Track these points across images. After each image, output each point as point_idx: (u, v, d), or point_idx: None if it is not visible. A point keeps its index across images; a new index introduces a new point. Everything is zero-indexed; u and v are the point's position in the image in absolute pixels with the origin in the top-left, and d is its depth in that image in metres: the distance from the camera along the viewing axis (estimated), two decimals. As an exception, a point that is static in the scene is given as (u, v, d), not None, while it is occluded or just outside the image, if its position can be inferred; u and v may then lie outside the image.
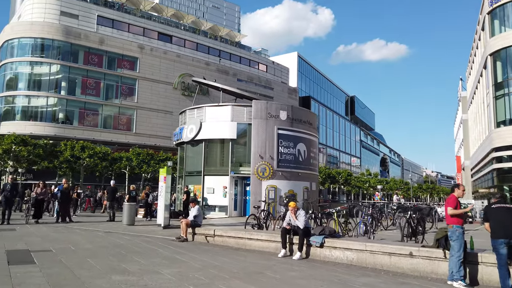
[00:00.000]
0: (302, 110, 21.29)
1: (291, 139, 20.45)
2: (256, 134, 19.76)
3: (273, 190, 19.48)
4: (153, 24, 56.91)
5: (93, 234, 11.55)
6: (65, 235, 11.02)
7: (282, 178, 19.83)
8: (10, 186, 14.01)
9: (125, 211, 14.99)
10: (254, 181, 19.47)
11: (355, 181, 53.86)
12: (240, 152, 20.84)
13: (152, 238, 11.06)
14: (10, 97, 46.63)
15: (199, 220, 10.78)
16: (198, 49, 61.31)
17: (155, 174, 39.31)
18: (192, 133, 20.93)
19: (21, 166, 29.32)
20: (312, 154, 21.90)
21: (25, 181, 40.97)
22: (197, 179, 21.05)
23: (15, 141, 26.75)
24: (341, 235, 8.77)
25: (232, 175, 20.29)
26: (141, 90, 51.51)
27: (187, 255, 8.22)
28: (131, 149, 37.16)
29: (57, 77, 47.10)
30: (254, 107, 19.97)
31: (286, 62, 78.35)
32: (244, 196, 20.92)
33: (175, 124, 53.13)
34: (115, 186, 17.39)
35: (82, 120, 47.69)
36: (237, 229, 10.64)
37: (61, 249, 8.31)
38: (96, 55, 49.25)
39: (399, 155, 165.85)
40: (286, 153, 20.17)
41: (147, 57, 52.75)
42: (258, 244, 9.32)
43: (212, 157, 21.30)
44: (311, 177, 21.76)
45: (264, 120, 19.94)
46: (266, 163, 19.60)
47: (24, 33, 46.73)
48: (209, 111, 21.03)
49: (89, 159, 30.65)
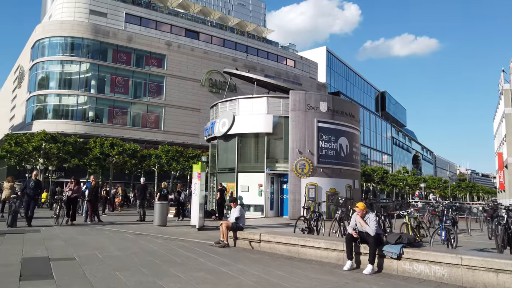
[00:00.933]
0: (343, 101, 19.52)
1: (332, 133, 18.71)
2: (294, 128, 18.15)
3: (313, 188, 17.83)
4: (180, 20, 56.38)
5: (122, 237, 10.33)
6: (92, 238, 9.85)
7: (323, 175, 18.14)
8: (33, 183, 12.34)
9: (156, 210, 13.79)
10: (292, 179, 17.89)
11: (391, 179, 51.16)
12: (276, 147, 19.31)
13: (187, 242, 9.71)
14: (42, 96, 47.14)
15: (241, 222, 9.33)
16: (225, 45, 60.37)
17: (183, 172, 38.42)
18: (225, 127, 19.59)
19: (52, 163, 28.99)
20: (354, 149, 20.08)
21: (57, 179, 41.18)
22: (230, 176, 19.71)
23: (45, 138, 26.34)
24: (421, 244, 7.13)
25: (268, 172, 18.80)
26: (169, 87, 51.05)
27: (234, 266, 6.77)
28: (160, 146, 36.40)
29: (87, 76, 47.26)
30: (291, 98, 18.37)
31: (315, 57, 76.16)
32: (281, 194, 19.40)
33: (203, 121, 52.71)
34: (145, 184, 16.26)
35: (111, 118, 47.67)
36: (286, 233, 9.13)
37: (86, 257, 7.06)
38: (124, 53, 49.12)
39: (432, 152, 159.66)
40: (327, 148, 18.45)
41: (175, 54, 52.19)
42: (314, 252, 7.78)
43: (246, 152, 19.88)
44: (354, 174, 19.95)
45: (302, 112, 18.30)
46: (305, 158, 17.97)
47: (54, 32, 47.10)
48: (243, 104, 19.61)
49: (118, 156, 29.98)
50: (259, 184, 18.79)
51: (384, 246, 6.97)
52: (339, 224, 9.57)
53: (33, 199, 12.42)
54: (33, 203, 12.60)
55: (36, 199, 13.22)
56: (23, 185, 12.80)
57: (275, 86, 21.96)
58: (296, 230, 9.86)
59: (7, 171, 56.47)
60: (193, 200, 13.23)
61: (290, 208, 17.64)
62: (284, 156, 19.05)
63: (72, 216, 13.30)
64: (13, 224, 11.66)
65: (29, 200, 12.24)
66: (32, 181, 12.44)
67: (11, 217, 11.69)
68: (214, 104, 21.84)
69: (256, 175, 19.01)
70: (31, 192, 12.18)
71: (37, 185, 12.51)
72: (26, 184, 12.43)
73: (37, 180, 12.71)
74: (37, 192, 12.72)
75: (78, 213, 17.06)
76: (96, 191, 14.98)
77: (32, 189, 12.22)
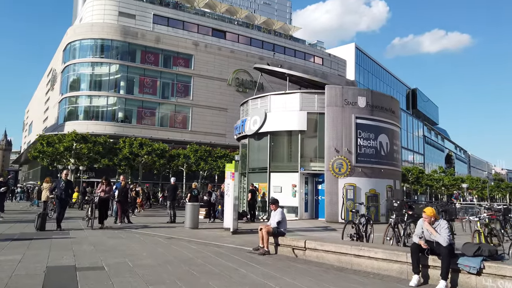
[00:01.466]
0: (383, 96, 18.23)
1: (372, 130, 17.48)
2: (330, 124, 17.06)
3: (351, 189, 16.68)
4: (207, 20, 56.23)
5: (153, 241, 9.65)
6: (122, 243, 9.20)
7: (362, 175, 16.94)
8: (64, 183, 11.49)
9: (187, 212, 13.09)
10: (329, 179, 16.80)
11: (426, 179, 48.75)
12: (310, 146, 18.27)
13: (223, 248, 8.90)
14: (73, 98, 48.11)
15: (283, 227, 8.41)
16: (252, 44, 59.78)
17: (211, 172, 37.96)
18: (256, 125, 18.75)
19: (83, 163, 29.14)
20: (395, 147, 18.74)
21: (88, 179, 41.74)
22: (262, 176, 18.84)
23: (75, 138, 26.44)
24: (503, 257, 5.98)
25: (302, 172, 17.80)
26: (196, 87, 50.97)
27: (281, 279, 5.87)
28: (189, 145, 36.10)
29: (116, 77, 47.84)
30: (327, 93, 17.28)
31: (343, 55, 74.28)
32: (316, 195, 18.35)
33: (230, 121, 52.26)
34: (175, 184, 15.63)
35: (140, 118, 48.07)
36: (334, 240, 8.14)
37: (116, 266, 6.36)
38: (152, 54, 49.46)
39: (465, 151, 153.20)
40: (366, 146, 17.24)
41: (202, 53, 52.07)
42: (371, 263, 6.77)
43: (279, 151, 18.95)
44: (394, 174, 18.61)
45: (339, 108, 17.17)
46: (343, 157, 16.83)
47: (85, 34, 47.96)
48: (275, 100, 18.69)
49: (147, 156, 29.79)
50: (293, 185, 17.83)
51: (459, 259, 5.88)
52: (394, 230, 8.48)
53: (63, 200, 11.63)
54: (64, 204, 11.83)
55: (67, 200, 12.22)
56: (53, 186, 12.22)
57: (309, 81, 20.90)
58: (344, 236, 8.81)
59: (40, 172, 58.20)
60: (226, 202, 12.45)
61: (327, 210, 16.57)
62: (318, 155, 18.00)
63: (103, 218, 12.62)
64: (42, 227, 11.01)
65: (60, 201, 11.52)
66: (62, 181, 11.60)
67: (40, 220, 10.96)
68: (244, 101, 21.05)
69: (289, 175, 18.06)
70: (61, 193, 11.43)
71: (67, 185, 11.72)
72: (56, 185, 11.74)
73: (67, 181, 11.90)
74: (68, 193, 11.89)
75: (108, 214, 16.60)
76: (126, 192, 14.48)
77: (63, 190, 11.46)
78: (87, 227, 12.14)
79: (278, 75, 23.43)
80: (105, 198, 12.67)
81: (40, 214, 11.18)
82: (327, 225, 15.54)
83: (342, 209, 16.40)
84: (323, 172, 17.62)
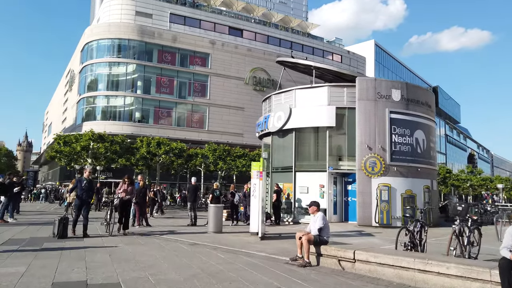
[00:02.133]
0: (419, 89, 16.81)
1: (407, 125, 16.07)
2: (362, 120, 15.74)
3: (386, 190, 15.32)
4: (223, 18, 55.50)
5: (175, 248, 8.61)
6: (141, 250, 8.19)
7: (397, 175, 15.56)
8: (87, 183, 10.02)
9: (210, 215, 12.04)
10: (361, 178, 15.49)
11: (452, 179, 46.62)
12: (339, 143, 16.98)
13: (255, 257, 7.78)
14: (91, 98, 48.01)
15: (325, 234, 7.23)
16: (269, 42, 58.76)
17: (229, 172, 36.99)
18: (280, 122, 17.58)
19: (100, 163, 28.55)
20: (431, 144, 17.28)
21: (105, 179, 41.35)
22: (287, 176, 17.66)
23: (92, 137, 25.84)
24: None
25: (331, 171, 16.53)
26: (213, 86, 50.29)
27: (338, 304, 4.73)
28: (207, 145, 35.20)
29: (133, 77, 47.52)
30: (359, 86, 15.97)
31: (362, 52, 72.44)
32: (345, 196, 17.06)
33: (247, 120, 51.31)
34: (196, 184, 14.60)
35: (157, 118, 47.64)
36: (390, 251, 6.93)
37: (134, 282, 5.32)
38: (169, 53, 48.98)
39: (488, 151, 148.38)
40: (401, 143, 15.85)
41: (219, 52, 51.34)
42: (441, 281, 5.54)
43: (305, 149, 17.74)
44: (431, 174, 17.15)
45: (372, 101, 15.84)
46: (376, 155, 15.50)
47: (102, 34, 47.80)
48: (301, 95, 17.48)
49: (165, 155, 28.99)
50: (321, 185, 16.58)
51: None
52: (458, 239, 7.20)
53: (86, 202, 10.12)
54: (86, 208, 10.19)
55: (89, 202, 10.57)
56: (74, 185, 10.64)
57: (335, 75, 19.61)
58: (398, 245, 7.55)
59: (59, 172, 58.45)
60: (253, 203, 11.33)
61: (359, 212, 15.26)
62: (348, 153, 16.70)
63: (124, 224, 11.02)
64: (64, 234, 9.49)
65: (82, 203, 10.00)
66: (85, 180, 10.06)
67: (62, 226, 9.43)
68: (266, 97, 19.91)
69: (316, 174, 16.82)
70: (83, 194, 9.93)
71: (90, 185, 10.22)
72: (77, 184, 10.13)
73: (90, 180, 10.33)
74: (90, 194, 10.33)
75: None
76: (144, 192, 13.54)
77: (85, 191, 9.95)
78: (105, 233, 10.79)
79: (301, 70, 22.21)
80: (126, 200, 11.08)
81: (62, 219, 9.59)
82: (360, 229, 14.26)
83: (376, 211, 15.08)
84: (353, 171, 16.34)
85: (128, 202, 11.23)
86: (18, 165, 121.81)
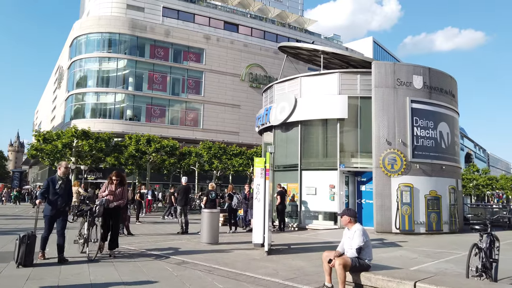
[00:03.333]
0: (442, 75, 14.79)
1: (430, 117, 14.06)
2: (380, 110, 13.69)
3: (408, 191, 13.29)
4: (218, 13, 53.49)
5: (159, 272, 6.48)
6: (108, 276, 6.01)
7: (420, 173, 13.53)
8: (62, 183, 7.11)
9: (204, 222, 9.89)
10: (379, 178, 13.44)
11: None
12: (352, 137, 14.92)
13: (266, 285, 5.67)
14: (80, 95, 45.73)
15: (367, 256, 5.14)
16: (266, 37, 56.89)
17: (225, 171, 34.84)
18: (284, 114, 15.49)
19: (86, 163, 26.26)
20: (456, 138, 15.29)
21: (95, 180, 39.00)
22: (291, 175, 15.60)
23: (75, 134, 23.53)
24: None
25: (342, 169, 14.47)
26: (208, 83, 48.29)
27: None
28: (201, 142, 32.97)
29: (124, 73, 45.39)
30: (375, 71, 13.91)
31: (360, 49, 70.77)
32: (358, 198, 15.03)
33: (243, 118, 49.24)
34: (187, 184, 12.44)
35: (149, 116, 45.53)
36: (454, 279, 4.88)
37: None
38: (162, 48, 46.91)
39: (485, 150, 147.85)
40: (424, 137, 13.83)
41: (213, 47, 49.33)
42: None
43: (312, 145, 15.66)
44: (456, 172, 15.15)
45: (391, 89, 13.79)
46: (396, 151, 13.46)
47: (92, 28, 45.57)
48: (307, 83, 15.42)
49: (156, 154, 26.74)
50: (331, 185, 14.52)
51: None
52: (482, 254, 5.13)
53: (61, 212, 7.09)
54: (63, 219, 7.12)
55: (67, 212, 7.35)
56: (44, 187, 7.27)
57: (347, 61, 17.51)
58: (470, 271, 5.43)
59: (48, 172, 55.92)
60: (256, 208, 9.22)
61: (377, 217, 13.21)
62: (361, 148, 14.68)
63: (112, 240, 7.84)
64: (28, 261, 6.44)
65: (56, 214, 6.99)
66: (60, 180, 7.11)
67: (25, 249, 6.41)
68: (268, 86, 17.84)
69: (325, 173, 14.78)
70: (58, 200, 6.98)
71: (68, 187, 7.26)
72: (48, 187, 7.05)
73: (67, 179, 7.41)
74: (67, 200, 7.22)
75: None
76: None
77: (61, 195, 7.01)
78: (83, 256, 7.44)
79: (305, 59, 20.17)
80: (114, 208, 7.85)
81: (24, 238, 6.43)
82: (379, 236, 12.22)
83: (396, 216, 13.03)
84: (367, 169, 14.33)
85: (117, 211, 7.99)
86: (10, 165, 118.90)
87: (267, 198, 9.08)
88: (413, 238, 12.08)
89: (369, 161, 14.02)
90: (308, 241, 11.15)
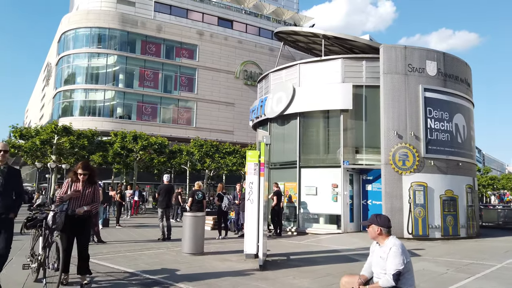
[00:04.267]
0: (457, 61, 13.28)
1: (445, 107, 12.54)
2: (389, 99, 12.14)
3: (421, 190, 11.74)
4: (212, 8, 51.98)
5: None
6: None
7: (435, 171, 11.99)
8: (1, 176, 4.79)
9: (186, 228, 8.23)
10: (388, 176, 11.88)
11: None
12: (357, 131, 13.35)
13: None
14: (68, 92, 43.98)
15: (407, 284, 3.48)
16: (261, 34, 55.55)
17: (218, 171, 33.17)
18: (281, 105, 13.92)
19: (68, 161, 24.48)
20: (472, 132, 13.79)
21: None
22: (290, 173, 14.03)
23: (55, 130, 21.76)
24: None
25: (346, 167, 12.91)
26: (201, 80, 46.73)
27: None
28: (192, 140, 31.28)
29: (115, 69, 43.70)
30: (384, 56, 12.35)
31: (358, 47, 69.56)
32: (363, 199, 13.52)
33: (237, 117, 47.60)
34: (169, 183, 10.78)
35: (140, 114, 43.87)
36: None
37: None
38: (153, 44, 45.27)
39: (480, 150, 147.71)
40: (438, 130, 12.31)
41: (207, 44, 47.78)
42: None
43: (313, 139, 14.09)
44: (473, 170, 13.66)
45: (402, 76, 12.25)
46: (408, 146, 11.92)
47: (80, 23, 43.81)
48: (307, 70, 13.86)
49: (143, 152, 25.02)
50: (333, 185, 12.97)
51: None
52: None
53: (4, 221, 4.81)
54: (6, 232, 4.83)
55: (11, 219, 4.93)
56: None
57: (350, 46, 15.94)
58: None
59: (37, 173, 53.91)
60: (249, 211, 7.62)
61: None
62: (367, 143, 13.15)
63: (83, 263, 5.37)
64: None
65: None
66: None
67: None
68: (263, 75, 16.27)
69: (327, 171, 13.25)
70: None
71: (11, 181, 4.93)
72: None
73: (9, 169, 4.97)
74: (9, 202, 4.90)
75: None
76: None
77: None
78: (37, 283, 5.31)
79: (304, 47, 18.69)
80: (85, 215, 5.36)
81: None
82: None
83: (409, 219, 11.48)
84: (374, 167, 12.82)
85: (86, 220, 5.45)
86: None
87: (262, 199, 7.48)
88: (429, 244, 10.55)
89: (377, 157, 12.48)
90: (310, 249, 9.57)
